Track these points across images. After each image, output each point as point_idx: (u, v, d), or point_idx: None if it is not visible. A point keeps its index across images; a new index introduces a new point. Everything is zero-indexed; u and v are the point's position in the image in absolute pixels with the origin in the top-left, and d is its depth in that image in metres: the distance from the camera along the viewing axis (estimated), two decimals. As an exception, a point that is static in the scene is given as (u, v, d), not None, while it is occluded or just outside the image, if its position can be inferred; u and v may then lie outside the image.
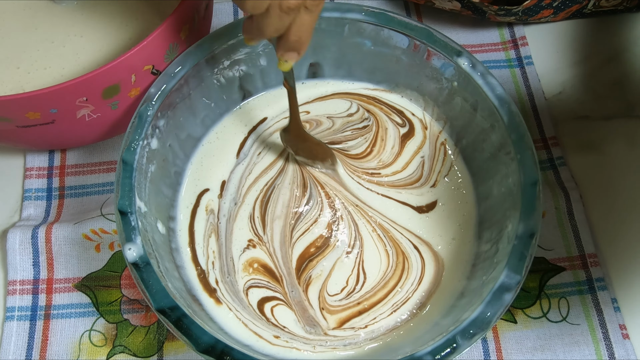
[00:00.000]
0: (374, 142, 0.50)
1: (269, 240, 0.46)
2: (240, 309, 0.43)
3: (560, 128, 0.55)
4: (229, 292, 0.44)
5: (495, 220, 0.43)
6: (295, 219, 0.46)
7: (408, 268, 0.45)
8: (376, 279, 0.44)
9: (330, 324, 0.43)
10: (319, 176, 0.48)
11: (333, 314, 0.43)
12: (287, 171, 0.48)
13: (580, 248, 0.48)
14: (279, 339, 0.42)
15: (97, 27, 0.51)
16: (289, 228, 0.46)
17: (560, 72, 0.58)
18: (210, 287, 0.44)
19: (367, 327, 0.43)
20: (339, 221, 0.46)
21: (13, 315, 0.46)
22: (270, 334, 0.42)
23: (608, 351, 0.44)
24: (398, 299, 0.44)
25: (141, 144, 0.41)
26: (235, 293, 0.44)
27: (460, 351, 0.34)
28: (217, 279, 0.44)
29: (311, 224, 0.46)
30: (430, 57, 0.46)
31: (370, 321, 0.43)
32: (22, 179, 0.52)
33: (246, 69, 0.48)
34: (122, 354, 0.45)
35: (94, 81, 0.41)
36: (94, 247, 0.48)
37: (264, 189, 0.48)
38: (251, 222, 0.46)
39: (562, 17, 0.59)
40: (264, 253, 0.45)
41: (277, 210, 0.47)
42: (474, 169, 0.48)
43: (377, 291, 0.44)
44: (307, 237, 0.46)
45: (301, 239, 0.45)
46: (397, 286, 0.44)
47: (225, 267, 0.45)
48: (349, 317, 0.43)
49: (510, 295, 0.36)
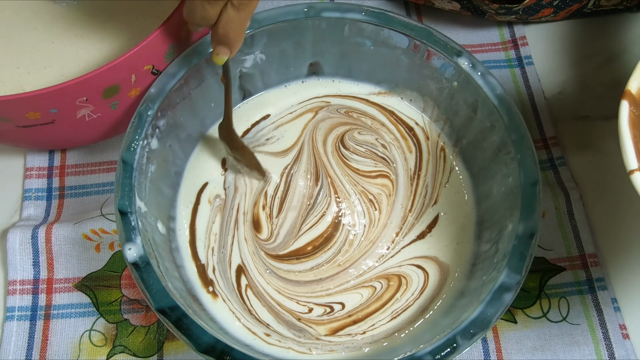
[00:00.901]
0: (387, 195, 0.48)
1: (279, 224, 0.46)
2: (232, 299, 0.43)
3: (560, 128, 0.55)
4: (221, 276, 0.44)
5: (495, 220, 0.43)
6: (307, 211, 0.47)
7: (407, 283, 0.44)
8: (355, 306, 0.44)
9: (320, 331, 0.42)
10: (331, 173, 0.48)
11: (320, 324, 0.43)
12: (301, 159, 0.49)
13: (580, 248, 0.48)
14: (270, 337, 0.42)
15: (97, 27, 0.51)
16: (300, 220, 0.46)
17: (560, 72, 0.58)
18: (207, 279, 0.44)
19: (366, 332, 0.42)
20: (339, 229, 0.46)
21: (13, 315, 0.46)
22: (261, 331, 0.42)
23: (608, 351, 0.44)
24: (397, 307, 0.43)
25: (141, 144, 0.41)
26: (224, 272, 0.44)
27: (460, 351, 0.34)
28: (214, 267, 0.44)
29: (319, 218, 0.46)
30: (430, 57, 0.46)
31: (368, 328, 0.43)
32: (22, 179, 0.52)
33: (246, 69, 0.48)
34: (122, 354, 0.45)
35: (94, 81, 0.40)
36: (94, 247, 0.48)
37: (282, 174, 0.48)
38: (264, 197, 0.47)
39: (562, 16, 0.59)
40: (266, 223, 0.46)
41: (294, 200, 0.47)
42: (474, 169, 0.48)
43: (370, 304, 0.43)
44: (312, 232, 0.46)
45: (308, 232, 0.46)
46: (394, 298, 0.44)
47: (223, 239, 0.45)
48: (343, 326, 0.43)
49: (510, 295, 0.36)
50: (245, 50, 0.47)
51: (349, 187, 0.48)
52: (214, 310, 0.43)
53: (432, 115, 0.50)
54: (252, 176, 0.48)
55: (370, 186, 0.48)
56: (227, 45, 0.39)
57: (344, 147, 0.49)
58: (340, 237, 0.46)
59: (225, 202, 0.47)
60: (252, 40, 0.46)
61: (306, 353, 0.41)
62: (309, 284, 0.44)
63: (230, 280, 0.44)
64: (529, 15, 0.57)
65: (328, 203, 0.47)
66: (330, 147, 0.49)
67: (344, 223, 0.46)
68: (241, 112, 0.51)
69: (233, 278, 0.44)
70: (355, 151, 0.49)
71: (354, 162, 0.49)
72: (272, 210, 0.47)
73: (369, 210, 0.47)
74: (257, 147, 0.49)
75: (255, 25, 0.45)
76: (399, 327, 0.42)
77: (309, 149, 0.49)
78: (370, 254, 0.45)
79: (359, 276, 0.44)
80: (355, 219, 0.46)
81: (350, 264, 0.45)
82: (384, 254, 0.45)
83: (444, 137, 0.50)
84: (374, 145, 0.49)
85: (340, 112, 0.51)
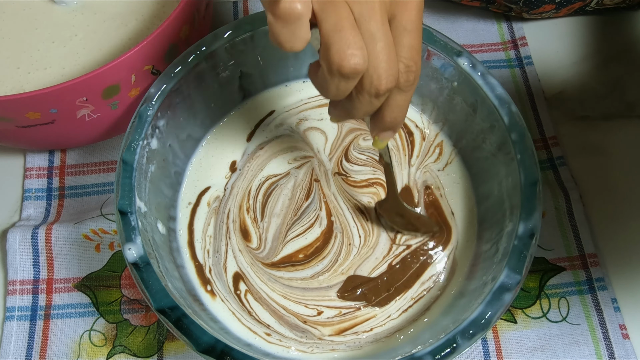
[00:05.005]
0: None
1: (265, 228, 0.46)
2: (230, 300, 0.43)
3: (560, 128, 0.55)
4: (218, 278, 0.44)
5: (495, 220, 0.43)
6: (292, 221, 0.47)
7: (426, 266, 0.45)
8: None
9: (325, 332, 0.42)
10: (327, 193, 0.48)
11: (327, 326, 0.43)
12: (298, 172, 0.49)
13: (580, 248, 0.48)
14: (271, 337, 0.42)
15: (97, 27, 0.51)
16: (285, 227, 0.46)
17: (560, 72, 0.58)
18: (205, 277, 0.44)
19: (373, 329, 0.42)
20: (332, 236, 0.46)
21: (13, 315, 0.46)
22: (262, 330, 0.42)
23: (608, 351, 0.44)
24: (413, 294, 0.44)
25: (141, 144, 0.41)
26: (219, 275, 0.44)
27: (460, 351, 0.34)
28: (211, 268, 0.44)
29: (306, 229, 0.46)
30: (430, 57, 0.46)
31: (377, 324, 0.42)
32: (22, 179, 0.52)
33: (246, 69, 0.48)
34: (122, 354, 0.45)
35: (94, 81, 0.40)
36: (94, 247, 0.48)
37: (279, 175, 0.48)
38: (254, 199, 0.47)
39: (564, 13, 0.59)
40: (253, 227, 0.46)
41: (278, 205, 0.47)
42: (473, 169, 0.48)
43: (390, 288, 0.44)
44: (299, 241, 0.46)
45: (295, 240, 0.46)
46: (416, 283, 0.44)
47: (217, 244, 0.45)
48: (353, 325, 0.43)
49: (510, 295, 0.36)
50: (245, 50, 0.47)
51: (342, 201, 0.47)
52: (214, 309, 0.43)
53: (432, 115, 0.50)
54: (424, 234, 0.46)
55: (362, 196, 0.48)
56: (393, 129, 0.35)
57: (347, 160, 0.49)
58: (334, 247, 0.45)
59: (219, 205, 0.47)
60: (252, 40, 0.46)
61: (306, 352, 0.41)
62: (318, 290, 0.44)
63: (226, 284, 0.44)
64: (530, 9, 0.57)
65: (317, 216, 0.47)
66: (333, 164, 0.49)
67: (337, 234, 0.46)
68: (242, 113, 0.51)
69: (230, 283, 0.44)
70: (357, 161, 0.49)
71: (352, 174, 0.49)
72: (255, 213, 0.47)
73: (361, 222, 0.46)
74: (267, 144, 0.50)
75: (256, 25, 0.45)
76: (402, 325, 0.43)
77: (309, 166, 0.49)
78: (371, 257, 0.45)
79: (371, 272, 0.45)
80: (350, 232, 0.46)
81: (353, 271, 0.45)
82: (386, 255, 0.45)
83: (443, 137, 0.50)
84: (376, 152, 0.49)
85: None
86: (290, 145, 0.50)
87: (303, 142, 0.50)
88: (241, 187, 0.48)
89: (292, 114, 0.51)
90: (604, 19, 0.61)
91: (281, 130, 0.51)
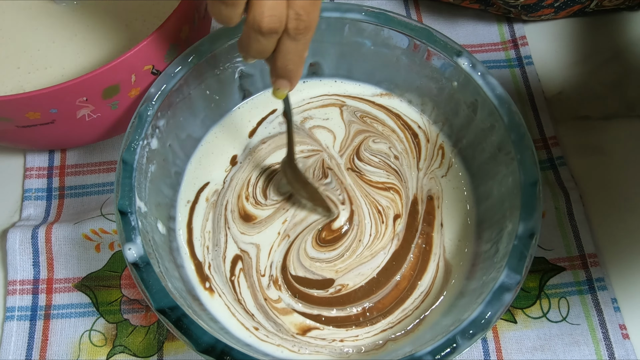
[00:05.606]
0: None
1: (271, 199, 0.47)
2: (225, 292, 0.43)
3: (560, 128, 0.55)
4: (216, 271, 0.44)
5: (495, 220, 0.43)
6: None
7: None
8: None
9: (292, 329, 0.42)
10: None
11: (287, 315, 0.43)
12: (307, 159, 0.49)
13: (580, 248, 0.48)
14: (259, 331, 0.42)
15: (97, 27, 0.51)
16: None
17: (560, 72, 0.58)
18: (204, 275, 0.44)
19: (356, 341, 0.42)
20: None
21: (13, 315, 0.46)
22: (251, 325, 0.42)
23: (608, 351, 0.44)
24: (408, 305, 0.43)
25: (141, 144, 0.41)
26: (218, 267, 0.44)
27: (460, 351, 0.34)
28: (210, 263, 0.44)
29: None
30: (430, 57, 0.46)
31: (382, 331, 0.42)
32: (22, 179, 0.52)
33: (246, 69, 0.48)
34: (122, 354, 0.45)
35: (94, 81, 0.41)
36: (94, 247, 0.48)
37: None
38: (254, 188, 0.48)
39: (563, 15, 0.59)
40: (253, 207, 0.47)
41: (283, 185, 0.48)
42: (473, 169, 0.48)
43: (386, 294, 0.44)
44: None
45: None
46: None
47: (216, 237, 0.45)
48: (315, 328, 0.43)
49: (510, 295, 0.36)
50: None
51: (360, 195, 0.47)
52: (213, 308, 0.43)
53: (432, 115, 0.50)
54: (316, 212, 0.47)
55: (381, 197, 0.47)
56: (287, 78, 0.37)
57: (359, 160, 0.49)
58: (347, 241, 0.45)
59: (217, 198, 0.47)
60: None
61: (294, 352, 0.41)
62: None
63: (224, 274, 0.44)
64: (528, 12, 0.57)
65: (344, 198, 0.47)
66: (345, 160, 0.49)
67: (354, 227, 0.46)
68: (242, 112, 0.51)
69: (227, 271, 0.44)
70: (370, 162, 0.49)
71: (367, 173, 0.48)
72: (256, 198, 0.47)
73: (376, 221, 0.46)
74: (271, 138, 0.50)
75: (255, 25, 0.45)
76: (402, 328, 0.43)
77: (319, 157, 0.49)
78: (367, 265, 0.45)
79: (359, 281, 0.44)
80: (364, 228, 0.46)
81: (347, 272, 0.45)
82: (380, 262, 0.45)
83: (443, 138, 0.50)
84: (387, 156, 0.49)
85: (357, 115, 0.51)
86: (296, 140, 0.49)
87: (310, 138, 0.50)
88: (241, 177, 0.48)
89: (296, 113, 0.51)
90: (604, 19, 0.61)
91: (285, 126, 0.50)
